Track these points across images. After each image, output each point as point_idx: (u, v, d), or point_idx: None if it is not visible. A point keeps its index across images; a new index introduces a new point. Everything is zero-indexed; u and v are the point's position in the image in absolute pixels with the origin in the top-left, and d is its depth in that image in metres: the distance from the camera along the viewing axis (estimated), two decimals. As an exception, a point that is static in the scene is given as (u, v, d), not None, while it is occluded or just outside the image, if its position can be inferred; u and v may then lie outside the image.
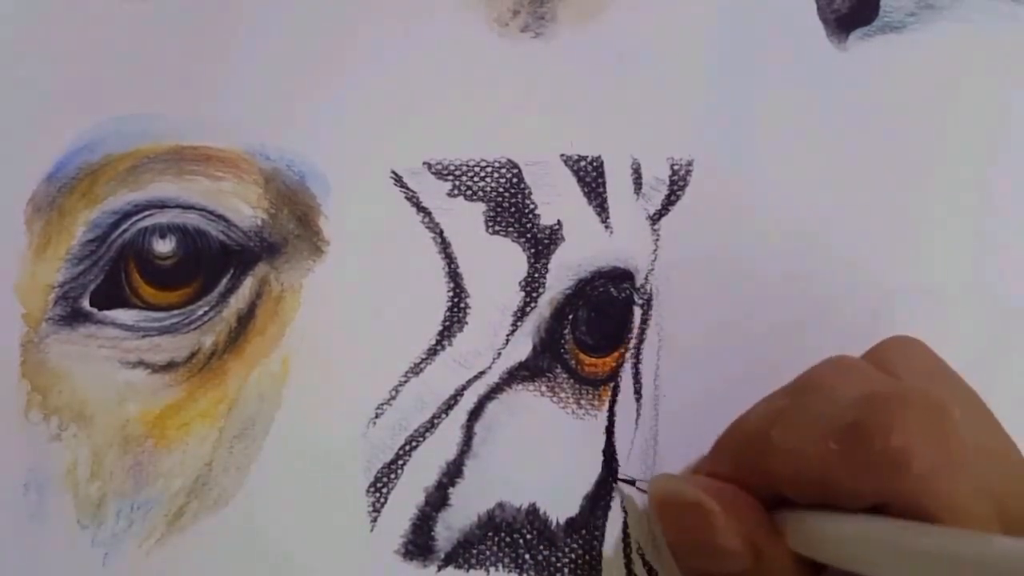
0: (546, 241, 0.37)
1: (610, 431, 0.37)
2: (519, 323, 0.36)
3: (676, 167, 0.38)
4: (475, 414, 0.36)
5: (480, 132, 0.38)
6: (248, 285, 0.36)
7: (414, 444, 0.35)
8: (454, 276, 0.36)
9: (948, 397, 0.28)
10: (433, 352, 0.36)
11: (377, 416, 0.35)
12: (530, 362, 0.36)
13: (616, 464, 0.37)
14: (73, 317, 0.35)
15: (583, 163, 0.38)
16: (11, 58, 0.37)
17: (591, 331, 0.37)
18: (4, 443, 0.35)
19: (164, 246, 0.35)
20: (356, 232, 0.36)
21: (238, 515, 0.35)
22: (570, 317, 0.37)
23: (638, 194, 0.38)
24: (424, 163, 0.37)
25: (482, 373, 0.36)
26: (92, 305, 0.35)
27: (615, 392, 0.37)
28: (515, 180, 0.37)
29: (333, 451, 0.35)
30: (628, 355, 0.37)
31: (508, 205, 0.37)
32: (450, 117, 0.38)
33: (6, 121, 0.37)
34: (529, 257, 0.37)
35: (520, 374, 0.36)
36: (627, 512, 0.36)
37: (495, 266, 0.37)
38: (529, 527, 0.36)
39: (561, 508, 0.36)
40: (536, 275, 0.37)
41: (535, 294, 0.37)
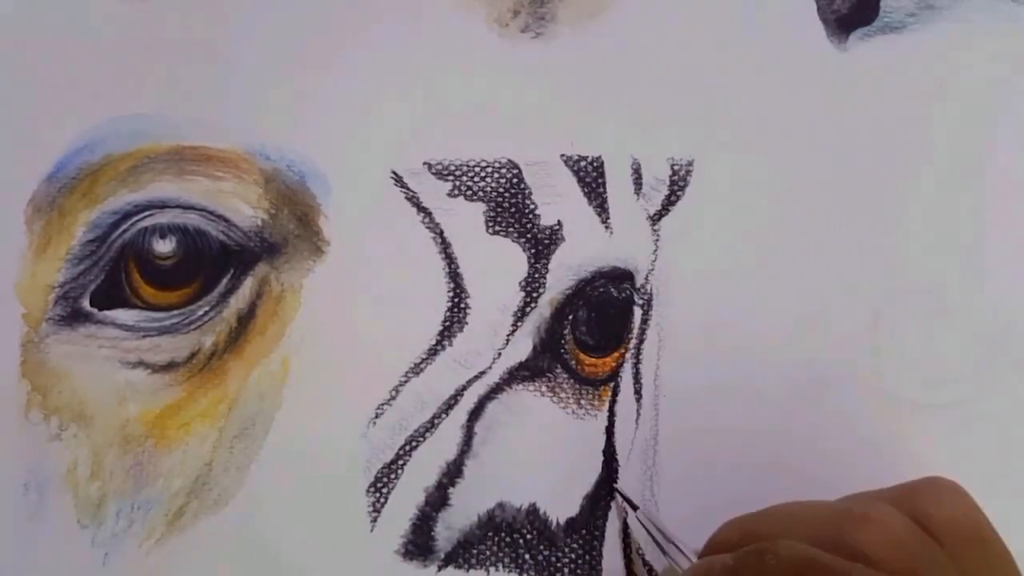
0: (546, 241, 0.37)
1: (610, 431, 0.37)
2: (519, 323, 0.36)
3: (676, 167, 0.38)
4: (475, 414, 0.36)
5: (480, 132, 0.38)
6: (248, 285, 0.36)
7: (414, 444, 0.35)
8: (454, 276, 0.36)
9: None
10: (433, 352, 0.36)
11: (377, 416, 0.35)
12: (530, 362, 0.36)
13: (616, 464, 0.37)
14: (73, 317, 0.35)
15: (583, 163, 0.38)
16: (11, 58, 0.37)
17: (591, 331, 0.37)
18: (4, 443, 0.35)
19: (164, 246, 0.35)
20: (356, 232, 0.36)
21: (238, 515, 0.35)
22: (570, 317, 0.37)
23: (638, 194, 0.38)
24: (424, 163, 0.37)
25: (482, 373, 0.36)
26: (92, 305, 0.35)
27: (615, 392, 0.37)
28: (515, 180, 0.37)
29: (333, 451, 0.35)
30: (628, 355, 0.37)
31: (508, 205, 0.37)
32: (450, 117, 0.38)
33: (6, 121, 0.37)
34: (529, 257, 0.37)
35: (520, 374, 0.36)
36: (626, 513, 0.36)
37: (495, 266, 0.37)
38: (529, 527, 0.36)
39: (561, 508, 0.36)
40: (536, 275, 0.37)
41: (535, 294, 0.37)
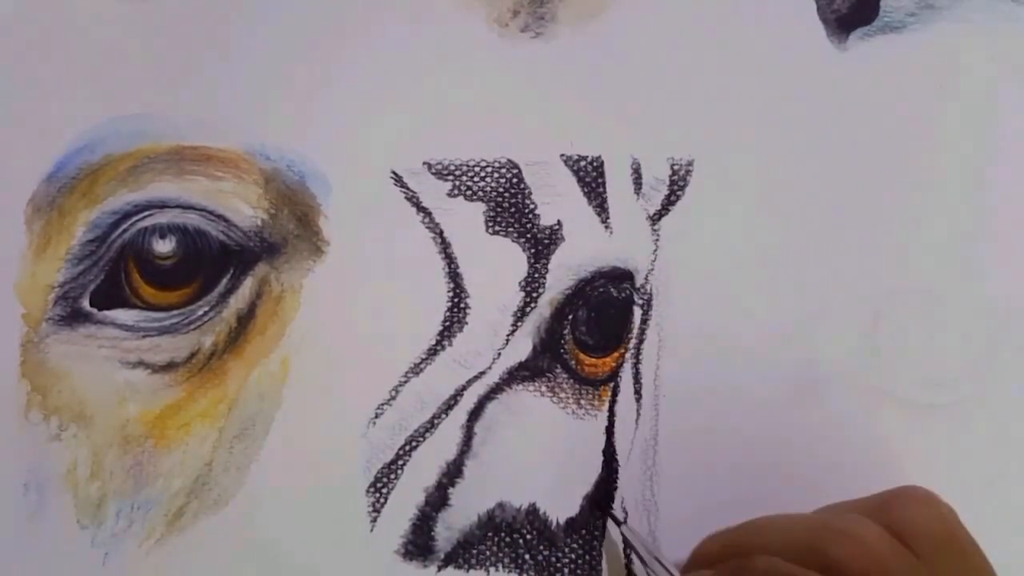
0: (546, 241, 0.37)
1: (610, 431, 0.37)
2: (519, 323, 0.36)
3: (676, 167, 0.38)
4: (475, 414, 0.36)
5: (480, 132, 0.38)
6: (248, 285, 0.36)
7: (414, 444, 0.35)
8: (454, 276, 0.36)
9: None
10: (433, 352, 0.36)
11: (377, 416, 0.35)
12: (530, 362, 0.36)
13: (616, 464, 0.37)
14: (73, 317, 0.35)
15: (583, 163, 0.38)
16: (11, 58, 0.37)
17: (591, 331, 0.37)
18: (4, 443, 0.35)
19: (164, 246, 0.35)
20: (356, 232, 0.36)
21: (238, 515, 0.35)
22: (570, 317, 0.37)
23: (638, 194, 0.38)
24: (424, 163, 0.37)
25: (482, 373, 0.36)
26: (92, 305, 0.35)
27: (615, 392, 0.37)
28: (515, 180, 0.37)
29: (333, 451, 0.35)
30: (628, 355, 0.37)
31: (508, 205, 0.37)
32: (450, 117, 0.38)
33: (6, 121, 0.37)
34: (529, 257, 0.37)
35: (520, 374, 0.36)
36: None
37: (495, 266, 0.37)
38: (529, 527, 0.36)
39: (561, 508, 0.36)
40: (536, 275, 0.37)
41: (535, 294, 0.37)
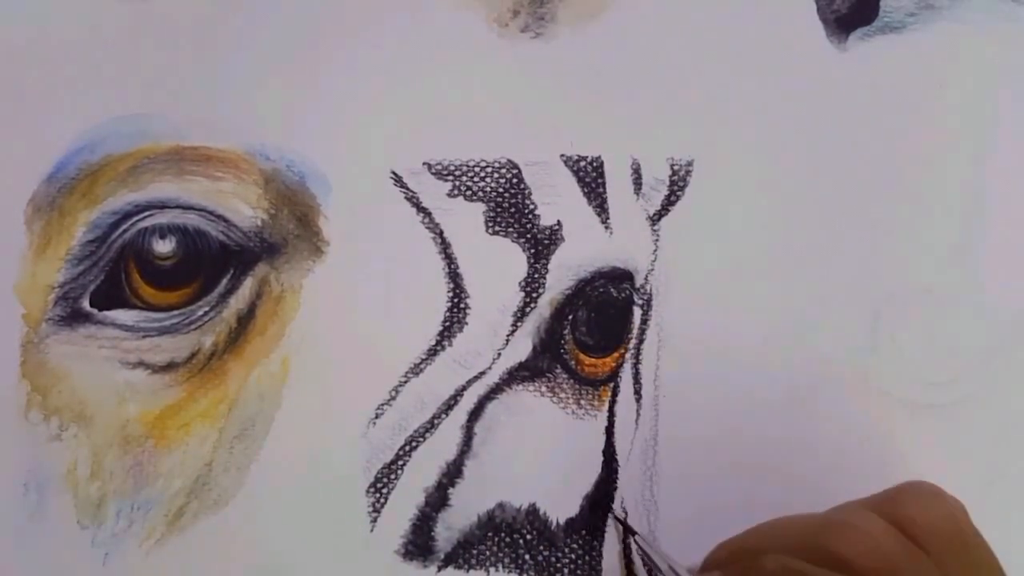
0: (546, 241, 0.37)
1: (610, 431, 0.37)
2: (519, 323, 0.36)
3: (676, 167, 0.38)
4: (475, 414, 0.36)
5: (480, 132, 0.38)
6: (248, 285, 0.36)
7: (414, 444, 0.35)
8: (454, 276, 0.36)
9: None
10: (433, 352, 0.36)
11: (377, 416, 0.36)
12: (530, 362, 0.36)
13: (616, 464, 0.37)
14: (73, 317, 0.35)
15: (583, 163, 0.38)
16: (11, 58, 0.37)
17: (591, 331, 0.37)
18: (4, 443, 0.35)
19: (164, 246, 0.35)
20: (356, 232, 0.36)
21: (238, 515, 0.35)
22: (570, 317, 0.37)
23: (638, 194, 0.38)
24: (424, 163, 0.37)
25: (482, 373, 0.36)
26: (92, 305, 0.35)
27: (615, 392, 0.37)
28: (515, 180, 0.37)
29: (333, 451, 0.35)
30: (628, 355, 0.37)
31: (508, 205, 0.37)
32: (450, 117, 0.38)
33: (6, 121, 0.37)
34: (529, 257, 0.37)
35: (520, 374, 0.36)
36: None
37: (495, 266, 0.37)
38: (529, 527, 0.36)
39: (561, 508, 0.36)
40: (536, 275, 0.37)
41: (535, 294, 0.37)
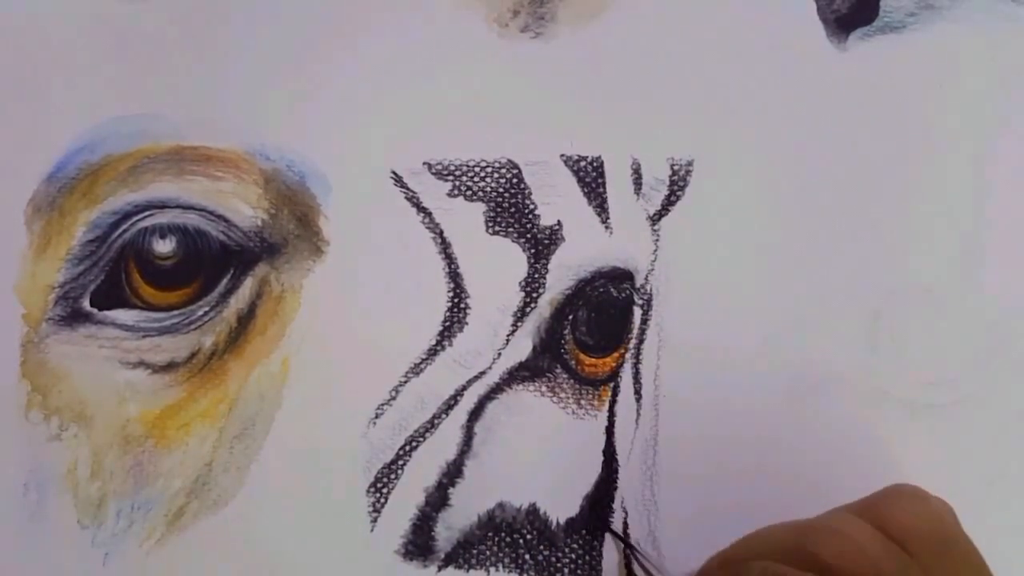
0: (546, 241, 0.37)
1: (610, 431, 0.37)
2: (519, 323, 0.36)
3: (676, 167, 0.38)
4: (475, 414, 0.36)
5: (480, 132, 0.38)
6: (248, 285, 0.36)
7: (414, 444, 0.35)
8: (454, 276, 0.36)
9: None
10: (433, 352, 0.36)
11: (377, 416, 0.36)
12: (530, 362, 0.36)
13: (616, 464, 0.37)
14: (73, 317, 0.35)
15: (583, 163, 0.38)
16: (11, 58, 0.37)
17: (591, 331, 0.37)
18: (4, 443, 0.35)
19: (164, 246, 0.35)
20: (356, 232, 0.36)
21: (238, 515, 0.35)
22: (570, 317, 0.37)
23: (638, 194, 0.38)
24: (424, 163, 0.37)
25: (482, 373, 0.36)
26: (92, 305, 0.35)
27: (615, 392, 0.37)
28: (515, 180, 0.37)
29: (333, 451, 0.35)
30: (628, 355, 0.37)
31: (508, 205, 0.37)
32: (450, 117, 0.38)
33: (6, 121, 0.37)
34: (529, 257, 0.37)
35: (520, 374, 0.36)
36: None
37: (495, 266, 0.37)
38: (529, 527, 0.36)
39: (561, 508, 0.36)
40: (536, 275, 0.37)
41: (535, 294, 0.37)
